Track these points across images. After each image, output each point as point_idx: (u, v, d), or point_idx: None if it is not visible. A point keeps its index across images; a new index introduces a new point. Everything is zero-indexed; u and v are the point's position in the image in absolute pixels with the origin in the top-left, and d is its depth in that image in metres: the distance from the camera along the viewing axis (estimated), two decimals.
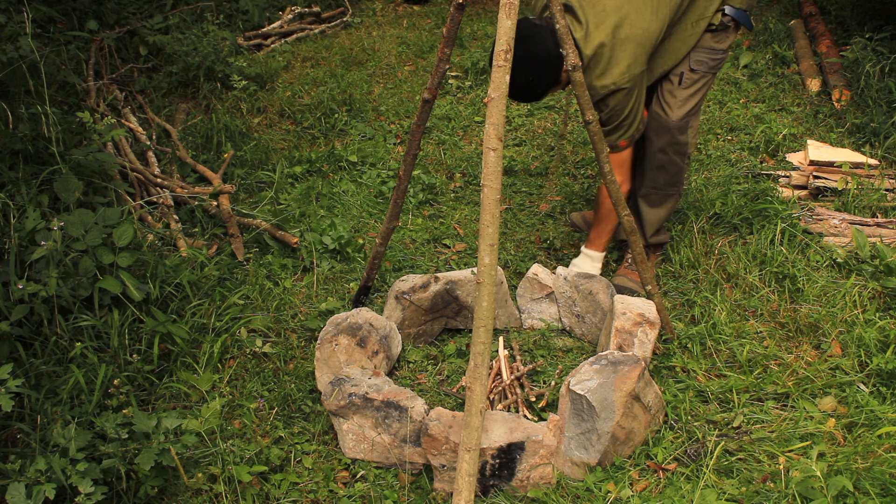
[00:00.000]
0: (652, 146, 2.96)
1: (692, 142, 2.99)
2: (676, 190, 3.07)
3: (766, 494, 2.11)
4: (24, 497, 1.95)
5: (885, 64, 4.28)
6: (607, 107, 2.69)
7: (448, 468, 2.24)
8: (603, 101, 2.67)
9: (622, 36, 2.59)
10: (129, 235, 2.75)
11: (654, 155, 2.97)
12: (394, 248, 3.43)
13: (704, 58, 2.82)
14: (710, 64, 2.83)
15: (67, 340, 2.60)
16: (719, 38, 2.81)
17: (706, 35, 2.79)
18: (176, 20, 5.39)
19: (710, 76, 2.88)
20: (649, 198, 3.08)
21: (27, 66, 3.41)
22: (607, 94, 2.65)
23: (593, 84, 2.63)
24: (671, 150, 2.94)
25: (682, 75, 2.84)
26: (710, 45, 2.80)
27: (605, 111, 2.70)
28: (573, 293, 2.87)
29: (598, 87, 2.63)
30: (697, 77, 2.84)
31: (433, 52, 5.63)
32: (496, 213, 2.07)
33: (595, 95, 2.64)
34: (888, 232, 3.20)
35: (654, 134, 2.94)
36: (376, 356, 2.63)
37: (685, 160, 3.00)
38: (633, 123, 2.76)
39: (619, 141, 2.78)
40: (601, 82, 2.62)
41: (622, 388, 2.20)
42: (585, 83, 2.59)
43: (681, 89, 2.86)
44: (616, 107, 2.68)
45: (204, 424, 2.46)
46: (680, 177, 3.03)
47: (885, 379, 2.48)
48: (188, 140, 4.27)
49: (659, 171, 3.00)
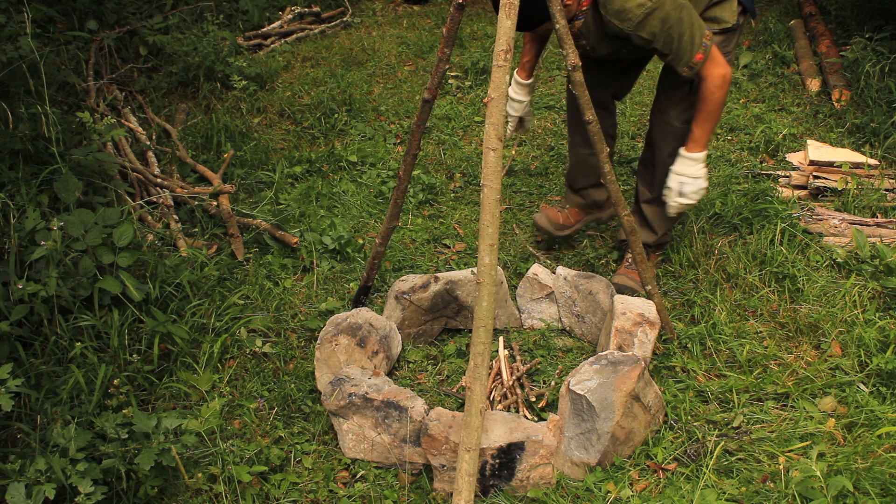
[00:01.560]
0: (661, 152, 2.94)
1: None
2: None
3: (766, 494, 2.11)
4: (24, 497, 1.95)
5: (885, 64, 4.28)
6: (654, 35, 2.46)
7: (448, 468, 2.24)
8: (643, 26, 2.44)
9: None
10: (129, 235, 2.75)
11: (664, 161, 2.92)
12: (394, 248, 3.43)
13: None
14: None
15: (67, 340, 2.60)
16: (727, 41, 2.77)
17: (716, 38, 2.71)
18: (176, 20, 5.39)
19: None
20: (658, 202, 3.03)
21: (27, 66, 3.40)
22: (646, 15, 2.42)
23: (626, 6, 2.41)
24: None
25: (692, 83, 2.77)
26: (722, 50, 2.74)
27: (657, 40, 2.47)
28: (573, 293, 2.87)
29: (633, 9, 2.42)
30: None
31: (433, 52, 5.63)
32: (496, 213, 2.07)
33: (634, 18, 2.42)
34: (888, 232, 3.20)
35: (662, 140, 2.92)
36: (376, 356, 2.63)
37: None
38: (695, 35, 2.47)
39: (694, 57, 2.51)
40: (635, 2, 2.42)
41: (622, 388, 2.20)
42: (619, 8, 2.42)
43: (691, 95, 2.78)
44: (663, 28, 2.44)
45: (204, 424, 2.46)
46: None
47: (885, 379, 2.49)
48: (188, 140, 4.27)
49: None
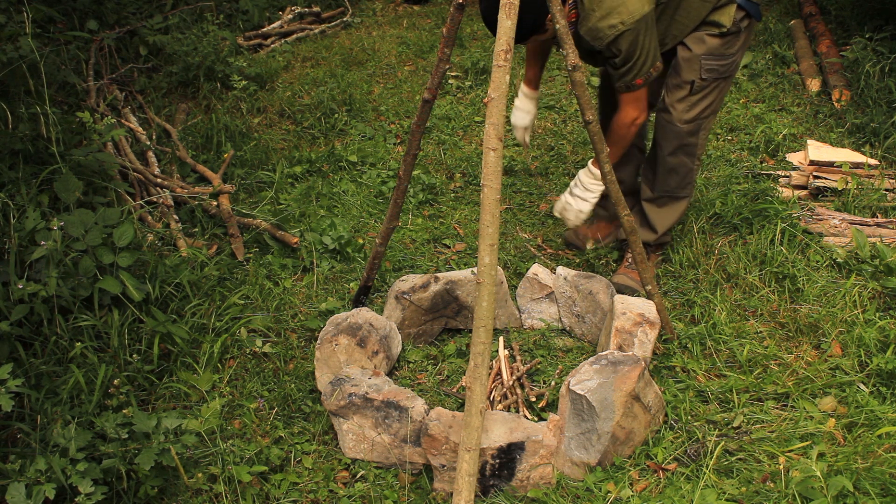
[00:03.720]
0: (662, 151, 2.95)
1: (702, 143, 2.96)
2: (687, 192, 3.06)
3: (766, 494, 2.11)
4: (24, 497, 1.95)
5: (885, 64, 4.28)
6: (620, 51, 2.62)
7: (448, 468, 2.24)
8: (614, 44, 2.61)
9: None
10: (129, 235, 2.75)
11: (665, 159, 2.95)
12: (394, 248, 3.43)
13: (715, 65, 2.79)
14: (721, 71, 2.81)
15: (67, 340, 2.60)
16: (729, 44, 2.78)
17: (716, 41, 2.76)
18: (176, 20, 5.38)
19: (723, 81, 2.85)
20: (659, 200, 3.07)
21: (27, 66, 3.40)
22: (617, 36, 2.58)
23: (599, 26, 2.58)
24: (681, 152, 2.94)
25: (692, 84, 2.81)
26: (721, 52, 2.78)
27: (619, 56, 2.63)
28: (573, 293, 2.87)
29: (605, 29, 2.58)
30: (707, 83, 2.82)
31: (433, 52, 5.63)
32: (496, 213, 2.07)
33: (605, 38, 2.59)
34: (888, 232, 3.20)
35: (663, 139, 2.93)
36: (376, 356, 2.63)
37: (695, 161, 2.98)
38: (647, 61, 2.68)
39: (635, 80, 2.70)
40: (608, 22, 2.56)
41: (622, 388, 2.20)
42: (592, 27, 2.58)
43: (691, 96, 2.84)
44: (629, 49, 2.62)
45: (204, 424, 2.46)
46: (691, 178, 3.02)
47: (885, 379, 2.49)
48: (188, 140, 4.27)
49: (670, 174, 2.99)
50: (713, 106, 2.89)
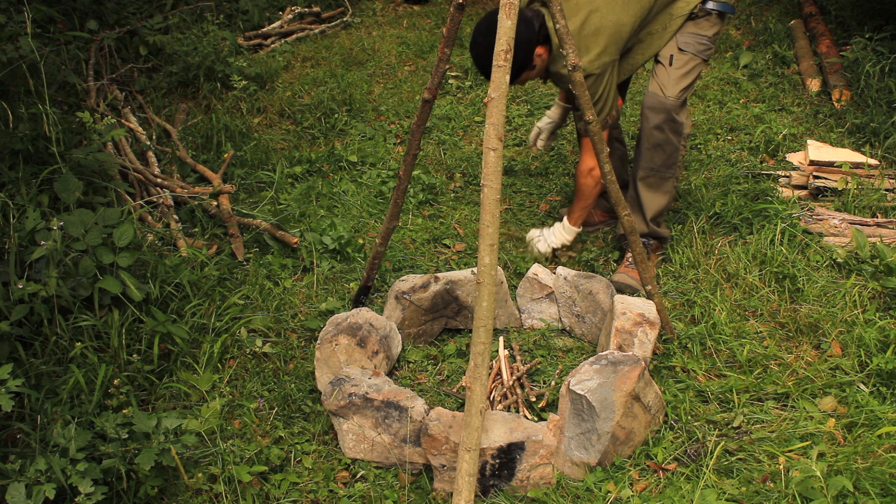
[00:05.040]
0: (648, 123, 3.03)
1: (688, 125, 3.07)
2: (673, 173, 3.12)
3: (766, 494, 2.11)
4: (24, 497, 1.95)
5: (885, 64, 4.28)
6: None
7: (448, 468, 2.24)
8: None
9: (593, 26, 2.79)
10: (129, 235, 2.75)
11: (651, 132, 3.04)
12: (394, 248, 3.43)
13: (690, 40, 2.97)
14: (697, 47, 2.97)
15: (67, 340, 2.60)
16: (700, 25, 2.97)
17: (687, 23, 2.96)
18: (176, 20, 5.38)
19: (700, 61, 3.00)
20: (647, 180, 3.14)
21: (27, 66, 3.40)
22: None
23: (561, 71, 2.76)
24: (667, 127, 3.01)
25: (671, 57, 2.98)
26: (693, 31, 2.96)
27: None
28: (573, 293, 2.87)
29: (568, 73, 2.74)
30: (686, 59, 2.98)
31: (433, 52, 5.63)
32: (496, 213, 2.07)
33: (566, 80, 2.71)
34: (888, 232, 3.20)
35: (651, 112, 3.02)
36: (376, 356, 2.63)
37: (681, 140, 3.07)
38: (604, 107, 2.90)
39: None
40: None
41: (622, 388, 2.20)
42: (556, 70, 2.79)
43: (672, 69, 2.98)
44: (592, 91, 2.80)
45: (204, 424, 2.46)
46: (676, 158, 3.09)
47: (885, 379, 2.48)
48: (188, 140, 4.27)
49: (655, 150, 3.06)
50: (690, 87, 3.03)
